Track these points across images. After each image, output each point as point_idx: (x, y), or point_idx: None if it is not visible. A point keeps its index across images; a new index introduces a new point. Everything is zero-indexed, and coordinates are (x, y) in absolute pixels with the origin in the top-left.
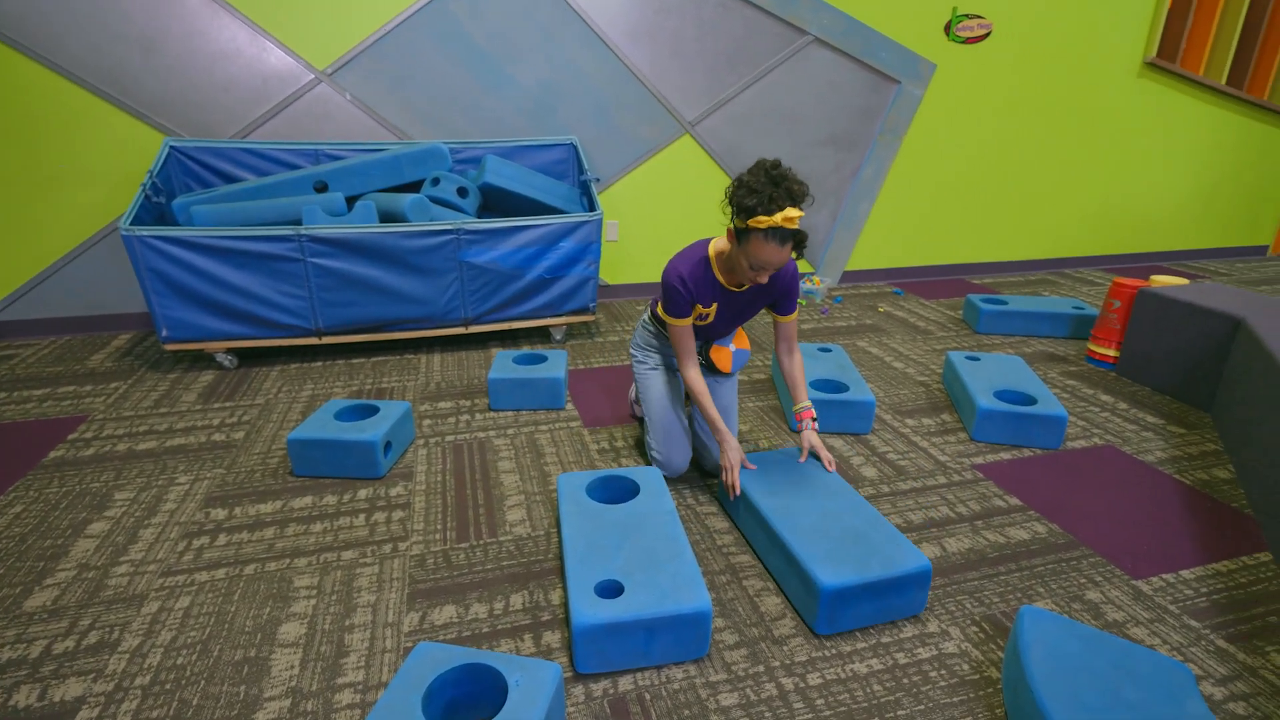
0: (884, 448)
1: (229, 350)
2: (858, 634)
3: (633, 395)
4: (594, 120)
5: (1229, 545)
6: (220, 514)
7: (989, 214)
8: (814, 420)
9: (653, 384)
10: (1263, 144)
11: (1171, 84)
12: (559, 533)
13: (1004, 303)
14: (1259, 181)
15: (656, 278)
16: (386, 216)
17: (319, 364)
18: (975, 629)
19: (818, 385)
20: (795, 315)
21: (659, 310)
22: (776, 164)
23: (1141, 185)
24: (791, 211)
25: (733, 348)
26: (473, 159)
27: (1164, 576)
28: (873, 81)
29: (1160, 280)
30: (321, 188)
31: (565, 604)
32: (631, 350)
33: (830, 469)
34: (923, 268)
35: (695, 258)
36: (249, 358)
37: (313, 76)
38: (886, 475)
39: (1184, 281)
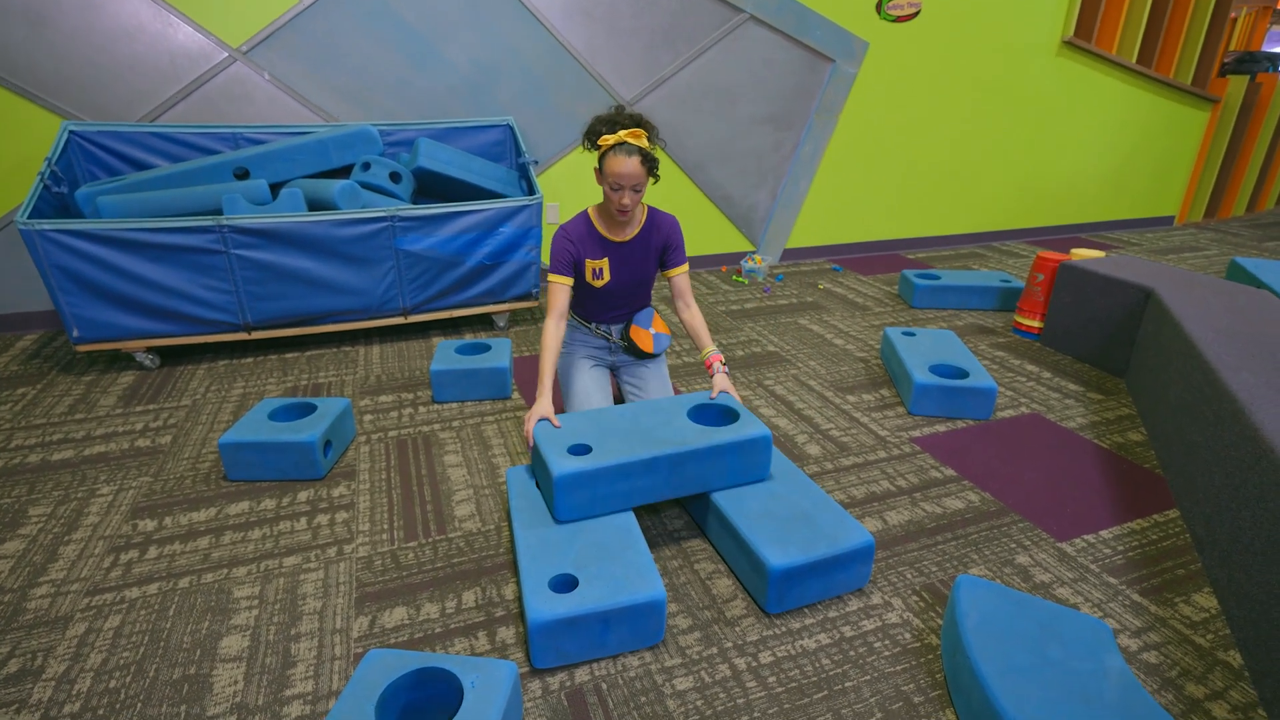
0: (826, 424)
1: (149, 349)
2: (806, 610)
3: None
4: (530, 100)
5: (1142, 504)
6: (149, 525)
7: (921, 190)
8: (723, 364)
9: (578, 377)
10: (1169, 120)
11: (1088, 62)
12: (510, 527)
13: (937, 278)
14: (1166, 156)
15: None
16: (315, 204)
17: (249, 360)
18: (916, 598)
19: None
20: (685, 268)
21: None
22: (621, 106)
23: (1061, 160)
24: (636, 129)
25: (653, 331)
26: (404, 141)
27: (1085, 538)
28: (808, 60)
29: (1080, 253)
30: (242, 174)
31: (519, 599)
32: (564, 348)
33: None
34: (860, 244)
35: (578, 218)
36: (172, 356)
37: (226, 55)
38: (830, 452)
39: (1102, 254)
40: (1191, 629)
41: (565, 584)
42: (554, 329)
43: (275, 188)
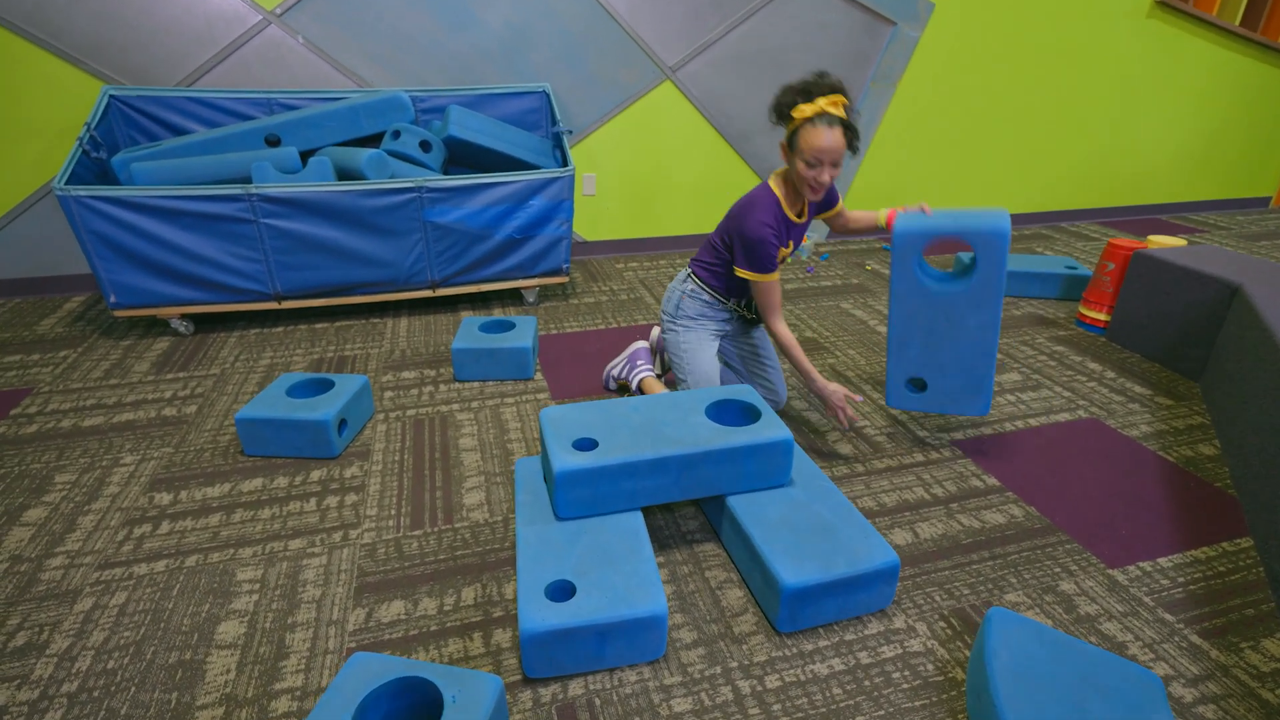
0: (861, 421)
1: (184, 316)
2: (820, 631)
3: (616, 370)
4: (567, 66)
5: (1210, 530)
6: (165, 498)
7: (985, 165)
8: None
9: (704, 355)
10: (1270, 88)
11: (1182, 25)
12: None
13: None
14: (1264, 129)
15: (635, 233)
16: (343, 174)
17: (280, 329)
18: (943, 624)
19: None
20: (841, 202)
21: (740, 271)
22: (821, 71)
23: (1142, 134)
24: (835, 96)
25: None
26: (436, 109)
27: (1141, 565)
28: (866, 22)
29: (1158, 241)
30: (274, 141)
31: (518, 599)
32: (676, 324)
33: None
34: None
35: (767, 202)
36: (206, 323)
37: (261, 18)
38: (862, 452)
39: (1182, 243)
40: (1259, 681)
41: (562, 591)
42: (787, 329)
43: (306, 155)
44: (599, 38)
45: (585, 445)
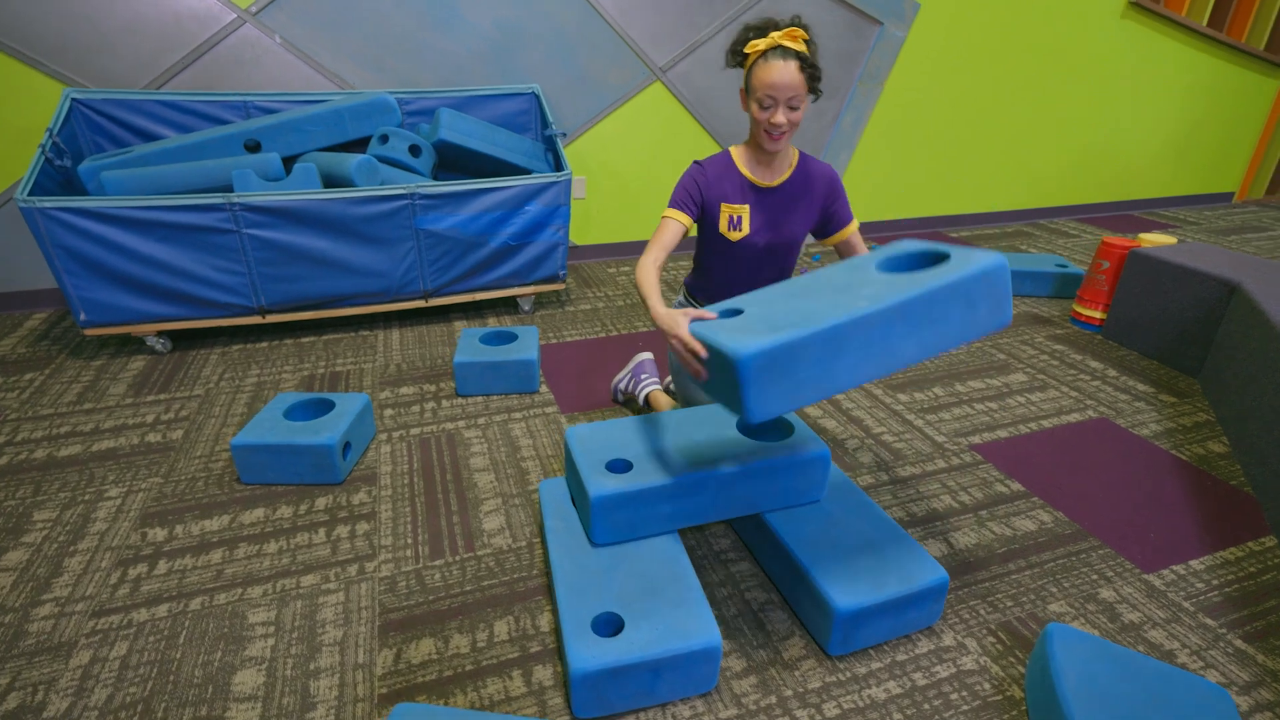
0: (878, 428)
1: (160, 333)
2: (871, 652)
3: (620, 382)
4: (557, 66)
5: (1234, 530)
6: (159, 534)
7: (968, 163)
8: None
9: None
10: (1238, 88)
11: (1154, 26)
12: (543, 546)
13: None
14: (1230, 128)
15: (627, 237)
16: (330, 180)
17: (264, 345)
18: (992, 639)
19: None
20: (855, 225)
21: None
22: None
23: (1119, 132)
24: (792, 30)
25: None
26: (424, 111)
27: (1174, 569)
28: (853, 22)
29: (1149, 239)
30: (254, 147)
31: (555, 631)
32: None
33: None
34: (902, 221)
35: (716, 155)
36: (184, 340)
37: (235, 16)
38: (884, 460)
39: (1172, 240)
40: None
41: (610, 624)
42: (652, 269)
43: (288, 161)
44: (588, 38)
45: (618, 467)
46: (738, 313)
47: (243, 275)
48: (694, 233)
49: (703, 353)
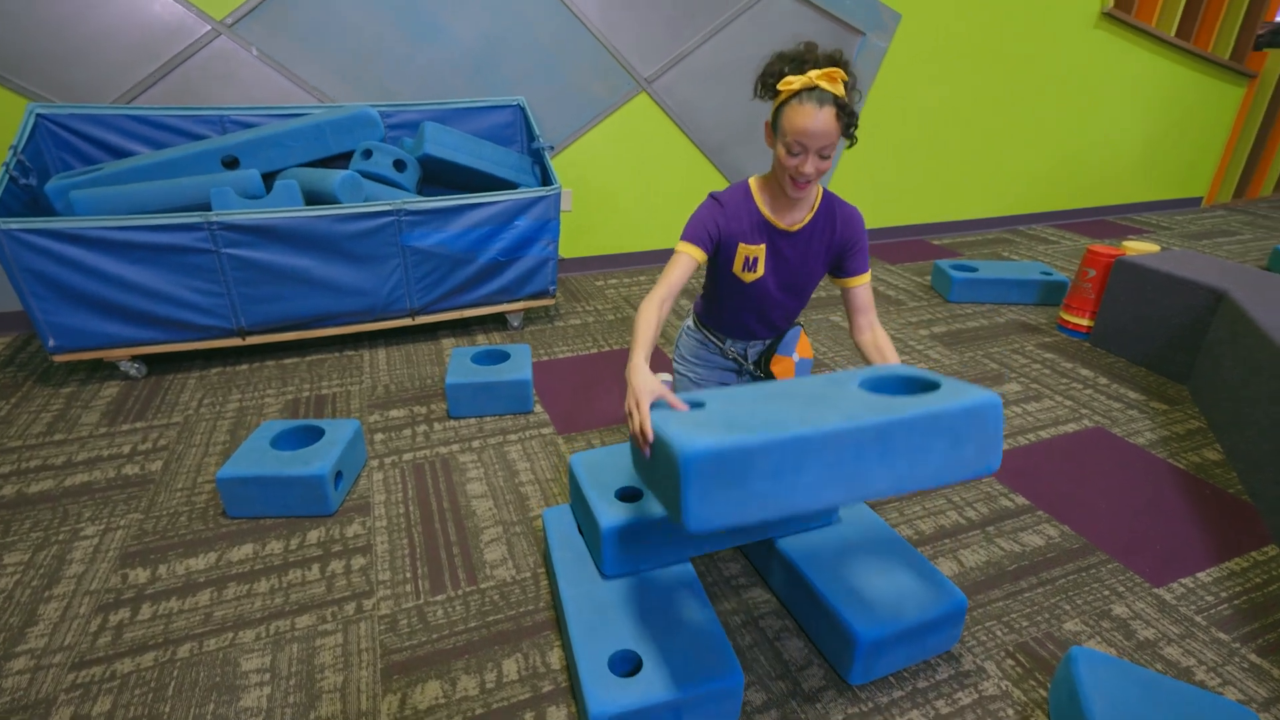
0: None
1: (134, 357)
2: (892, 680)
3: None
4: (541, 78)
5: (1237, 539)
6: (141, 575)
7: (948, 171)
8: None
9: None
10: (1205, 96)
11: (1126, 35)
12: (549, 577)
13: (974, 269)
14: (1199, 134)
15: (616, 249)
16: (312, 197)
17: (244, 367)
18: (1011, 662)
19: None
20: (869, 277)
21: (678, 246)
22: (814, 42)
23: (1094, 139)
24: (832, 69)
25: (796, 357)
26: (406, 124)
27: (1183, 582)
28: (837, 33)
29: (1132, 247)
30: (231, 163)
31: (567, 669)
32: (676, 364)
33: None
34: (886, 229)
35: (735, 188)
36: (160, 364)
37: (209, 28)
38: None
39: (1155, 248)
40: None
41: (627, 662)
42: (652, 312)
43: (268, 178)
44: (572, 49)
45: (628, 494)
46: (702, 404)
47: (222, 296)
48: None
49: (650, 437)
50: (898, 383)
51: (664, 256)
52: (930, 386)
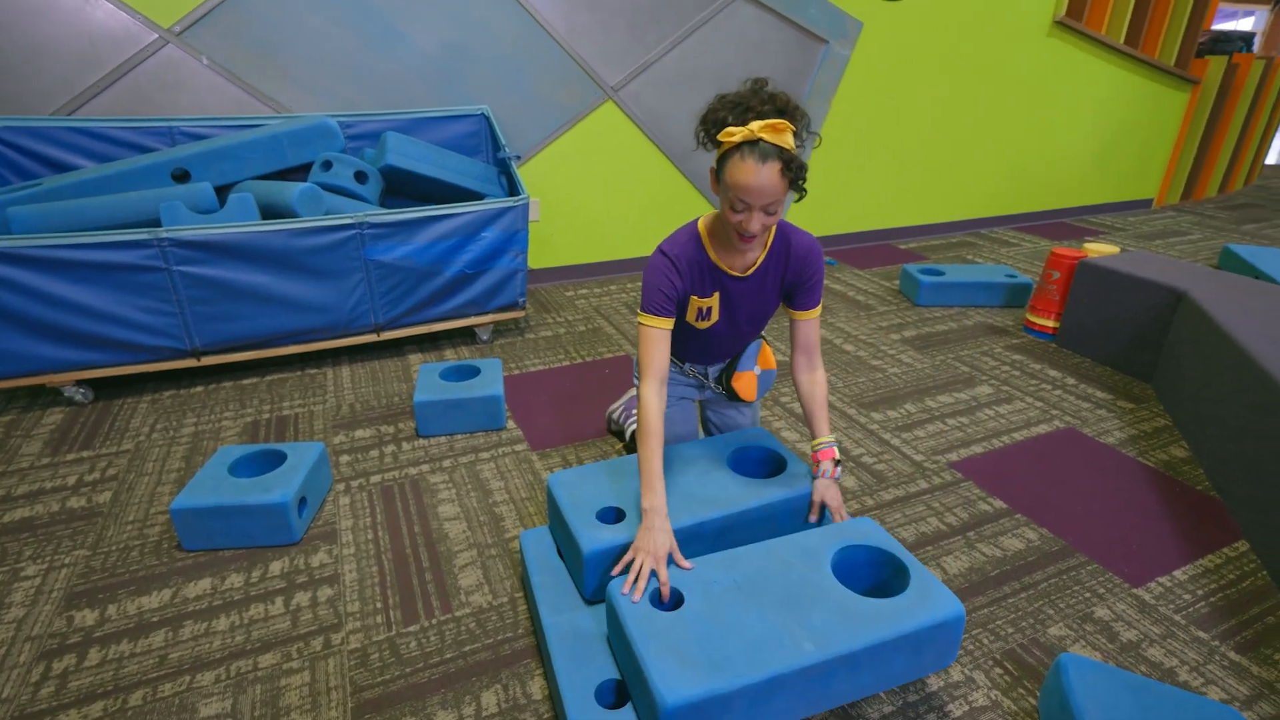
0: (857, 450)
1: (80, 382)
2: (883, 695)
3: (615, 411)
4: (505, 87)
5: (1208, 535)
6: (89, 617)
7: (912, 177)
8: (836, 464)
9: (670, 421)
10: (1153, 102)
11: (1077, 43)
12: (528, 602)
13: (941, 273)
14: (1148, 138)
15: (583, 259)
16: (270, 211)
17: (199, 389)
18: (999, 671)
19: None
20: (817, 312)
21: (638, 317)
22: (762, 79)
23: (1050, 144)
24: (778, 121)
25: (757, 370)
26: (367, 135)
27: (1160, 581)
28: (801, 41)
29: (1094, 249)
30: (182, 176)
31: (550, 700)
32: (635, 379)
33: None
34: (852, 234)
35: (681, 236)
36: (108, 388)
37: (156, 36)
38: (867, 484)
39: (1115, 250)
40: None
41: (614, 692)
42: (656, 403)
43: (222, 191)
44: (537, 57)
45: (609, 516)
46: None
47: (174, 316)
48: None
49: (639, 596)
50: (868, 560)
51: (635, 266)
52: (901, 570)
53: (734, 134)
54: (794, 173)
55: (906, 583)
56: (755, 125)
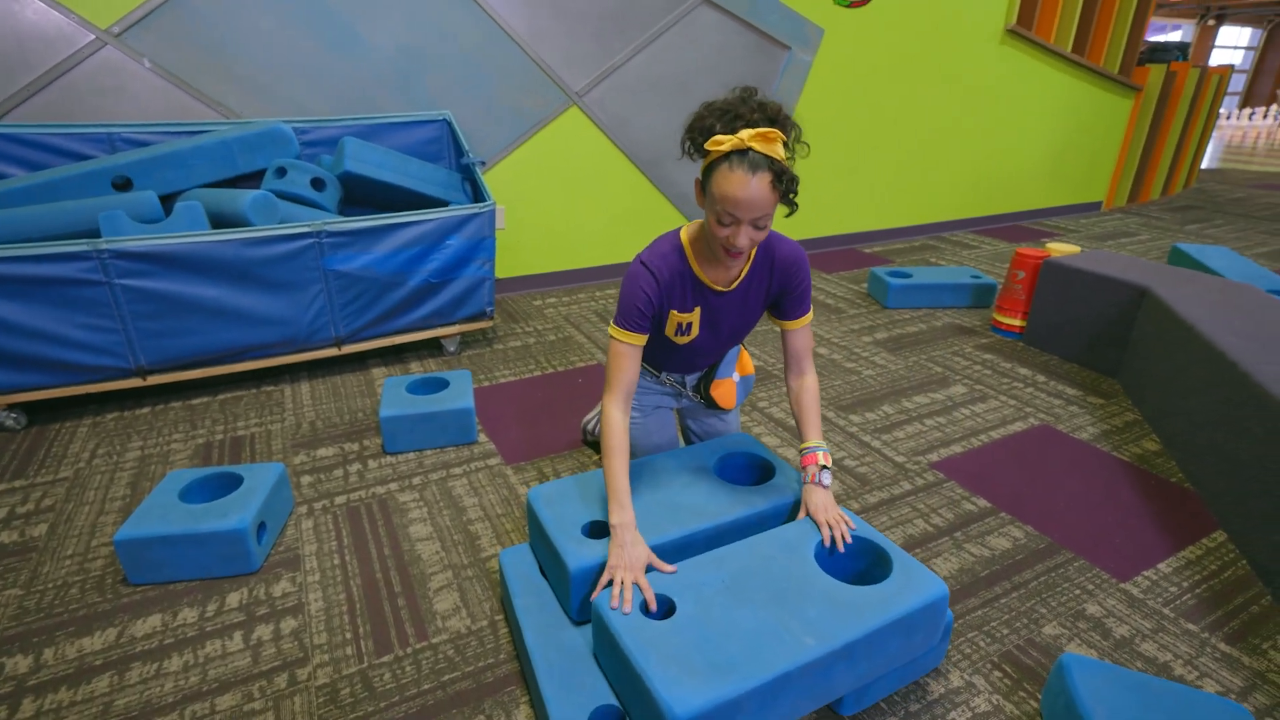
0: (839, 453)
1: (11, 406)
2: (884, 705)
3: (590, 421)
4: (467, 92)
5: (1186, 527)
6: (22, 664)
7: (875, 181)
8: (823, 469)
9: (647, 431)
10: (1100, 108)
11: (1028, 51)
12: (509, 625)
13: (908, 276)
14: (1097, 143)
15: (551, 267)
16: (220, 220)
17: (145, 411)
18: (999, 674)
19: None
20: (807, 320)
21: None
22: (751, 87)
23: (1004, 148)
24: (769, 130)
25: (736, 377)
26: (324, 141)
27: (1146, 575)
28: (763, 47)
29: (1057, 249)
30: (123, 184)
31: None
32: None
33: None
34: (819, 239)
35: (664, 246)
36: (44, 411)
37: (93, 38)
38: (851, 488)
39: (1076, 249)
40: None
41: (610, 719)
42: (621, 419)
43: (167, 201)
44: (499, 62)
45: (595, 530)
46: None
47: (116, 333)
48: None
49: (628, 609)
50: (851, 552)
51: (603, 274)
52: (881, 557)
53: (723, 143)
54: (785, 185)
55: (889, 569)
56: (745, 134)
